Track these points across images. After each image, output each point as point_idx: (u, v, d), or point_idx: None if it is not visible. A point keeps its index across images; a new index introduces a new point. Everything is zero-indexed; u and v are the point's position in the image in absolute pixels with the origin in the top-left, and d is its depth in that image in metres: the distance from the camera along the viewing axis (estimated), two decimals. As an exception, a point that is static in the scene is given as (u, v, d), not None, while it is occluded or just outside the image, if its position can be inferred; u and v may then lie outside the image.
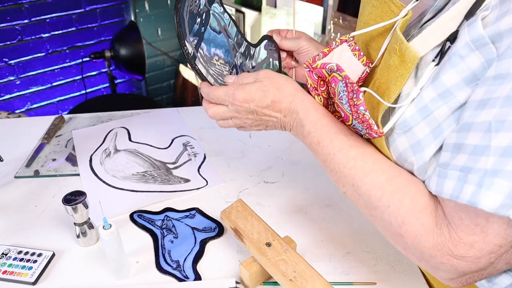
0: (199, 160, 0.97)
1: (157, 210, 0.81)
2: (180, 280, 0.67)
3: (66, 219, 0.79)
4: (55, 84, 2.25)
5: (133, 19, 2.34)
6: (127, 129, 1.08)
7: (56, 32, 2.14)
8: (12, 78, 2.09)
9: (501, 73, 0.42)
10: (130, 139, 1.04)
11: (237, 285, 0.65)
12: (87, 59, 2.20)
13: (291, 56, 0.80)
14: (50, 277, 0.68)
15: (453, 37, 0.48)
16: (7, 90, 2.10)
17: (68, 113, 1.52)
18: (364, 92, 0.51)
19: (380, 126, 0.54)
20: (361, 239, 0.75)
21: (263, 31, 2.12)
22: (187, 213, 0.80)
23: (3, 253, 0.71)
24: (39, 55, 2.13)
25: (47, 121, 1.10)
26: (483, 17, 0.45)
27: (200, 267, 0.69)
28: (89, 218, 0.73)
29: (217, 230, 0.76)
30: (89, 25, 2.24)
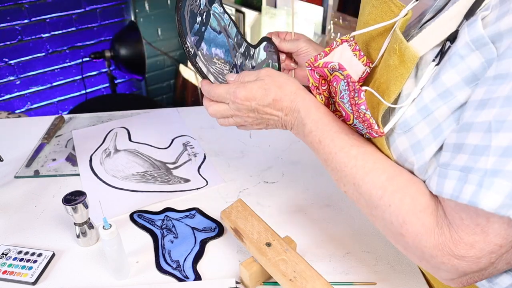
0: (199, 160, 0.97)
1: (157, 210, 0.81)
2: (180, 280, 0.67)
3: (66, 219, 0.79)
4: (55, 84, 2.25)
5: (133, 19, 2.34)
6: (127, 129, 1.08)
7: (56, 32, 2.14)
8: (12, 78, 2.09)
9: (501, 73, 0.42)
10: (130, 139, 1.04)
11: (237, 285, 0.65)
12: (87, 59, 2.20)
13: (290, 57, 0.80)
14: (50, 277, 0.68)
15: (453, 37, 0.48)
16: (7, 90, 2.10)
17: (68, 113, 1.53)
18: (365, 91, 0.51)
19: (381, 126, 0.54)
20: (361, 239, 0.75)
21: (263, 31, 2.12)
22: (187, 213, 0.80)
23: (3, 253, 0.71)
24: (39, 55, 2.13)
25: (47, 121, 1.10)
26: (483, 17, 0.45)
27: (200, 267, 0.69)
28: (89, 218, 0.73)
29: (217, 230, 0.76)
30: (89, 25, 2.24)
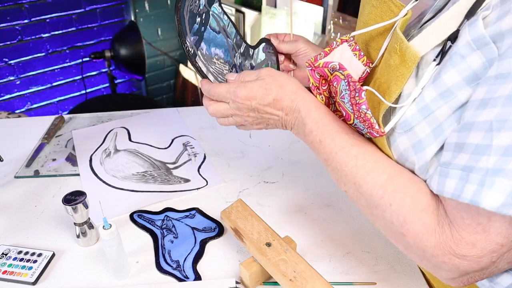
0: (199, 160, 0.97)
1: (157, 210, 0.81)
2: (180, 280, 0.67)
3: (66, 219, 0.79)
4: (55, 84, 2.25)
5: (133, 19, 2.34)
6: (127, 129, 1.08)
7: (56, 32, 2.14)
8: (12, 78, 2.09)
9: (502, 72, 0.42)
10: (130, 139, 1.04)
11: (237, 285, 0.65)
12: (87, 59, 2.20)
13: (289, 59, 0.80)
14: (50, 277, 0.68)
15: (454, 37, 0.48)
16: (7, 90, 2.10)
17: (68, 113, 1.52)
18: (366, 91, 0.51)
19: (381, 125, 0.54)
20: (361, 239, 0.75)
21: (263, 31, 2.12)
22: (187, 213, 0.80)
23: (3, 253, 0.71)
24: (39, 55, 2.13)
25: (47, 121, 1.10)
26: (484, 16, 0.45)
27: (200, 267, 0.69)
28: (89, 218, 0.73)
29: (217, 230, 0.76)
30: (89, 25, 2.24)
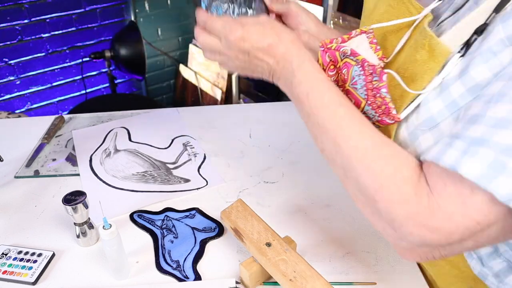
0: (199, 160, 0.97)
1: (157, 210, 0.81)
2: (180, 280, 0.67)
3: (66, 219, 0.79)
4: (55, 84, 2.25)
5: (133, 19, 2.34)
6: (127, 129, 1.08)
7: (56, 32, 2.14)
8: (12, 78, 2.09)
9: None
10: (130, 139, 1.04)
11: (237, 285, 0.65)
12: (87, 59, 2.20)
13: (279, 19, 0.76)
14: (50, 277, 0.68)
15: (480, 30, 0.47)
16: (7, 90, 2.10)
17: (68, 113, 1.52)
18: (387, 74, 0.51)
19: (398, 111, 0.53)
20: (361, 239, 0.75)
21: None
22: (187, 213, 0.80)
23: (3, 253, 0.71)
24: (39, 55, 2.13)
25: (47, 121, 1.10)
26: None
27: (200, 267, 0.69)
28: (89, 218, 0.73)
29: (217, 230, 0.76)
30: (89, 25, 2.24)
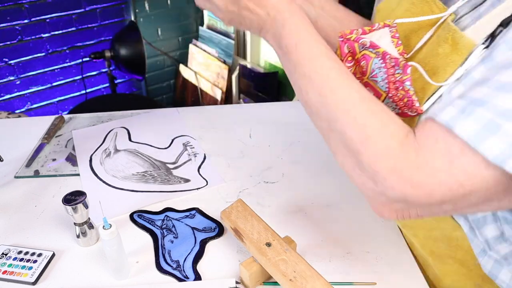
0: (199, 160, 0.97)
1: (157, 210, 0.81)
2: (180, 280, 0.67)
3: (66, 219, 0.79)
4: (55, 84, 2.25)
5: (133, 19, 2.34)
6: (127, 129, 1.08)
7: (56, 32, 2.14)
8: (12, 78, 2.09)
9: None
10: (130, 139, 1.04)
11: (237, 285, 0.65)
12: (87, 59, 2.20)
13: None
14: (50, 277, 0.68)
15: (506, 22, 0.47)
16: (7, 90, 2.10)
17: (68, 113, 1.52)
18: (411, 67, 0.51)
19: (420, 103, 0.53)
20: (361, 239, 0.75)
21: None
22: (187, 213, 0.80)
23: (3, 253, 0.71)
24: (39, 55, 2.13)
25: (47, 121, 1.10)
26: None
27: (200, 267, 0.69)
28: (89, 218, 0.73)
29: (217, 230, 0.76)
30: (89, 25, 2.24)
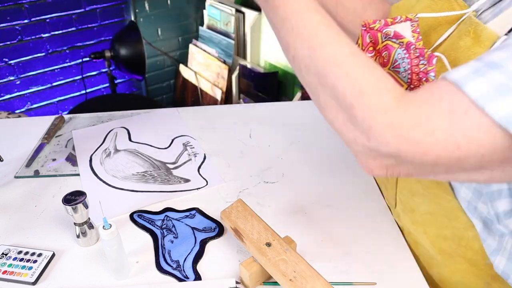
0: (199, 160, 0.97)
1: (157, 210, 0.81)
2: (180, 280, 0.67)
3: (66, 219, 0.79)
4: (55, 84, 2.25)
5: (133, 19, 2.33)
6: (127, 129, 1.08)
7: (56, 32, 2.14)
8: (12, 78, 2.09)
9: None
10: (130, 139, 1.04)
11: (237, 285, 0.65)
12: (87, 59, 2.20)
13: None
14: (50, 277, 0.68)
15: None
16: (7, 90, 2.10)
17: (68, 113, 1.52)
18: (437, 57, 0.51)
19: None
20: (361, 239, 0.75)
21: (263, 31, 2.12)
22: (187, 213, 0.80)
23: (3, 253, 0.71)
24: (39, 55, 2.13)
25: (47, 121, 1.10)
26: None
27: (200, 267, 0.69)
28: (89, 218, 0.73)
29: (217, 230, 0.76)
30: (89, 25, 2.24)
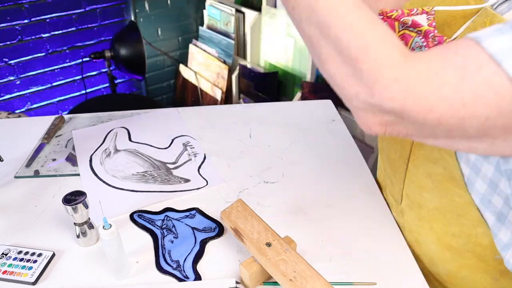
0: (199, 160, 0.97)
1: (157, 210, 0.81)
2: (180, 280, 0.67)
3: (66, 219, 0.79)
4: (55, 84, 2.25)
5: (133, 19, 2.34)
6: (127, 129, 1.08)
7: (56, 32, 2.14)
8: (12, 78, 2.09)
9: None
10: (130, 139, 1.04)
11: (237, 285, 0.65)
12: (87, 59, 2.20)
13: None
14: (50, 277, 0.68)
15: None
16: (7, 90, 2.10)
17: (68, 113, 1.52)
18: None
19: None
20: (361, 239, 0.75)
21: (263, 31, 2.12)
22: (187, 213, 0.80)
23: (3, 253, 0.71)
24: (39, 55, 2.13)
25: (47, 121, 1.10)
26: None
27: (200, 267, 0.69)
28: (89, 218, 0.73)
29: (217, 230, 0.76)
30: (89, 25, 2.24)
